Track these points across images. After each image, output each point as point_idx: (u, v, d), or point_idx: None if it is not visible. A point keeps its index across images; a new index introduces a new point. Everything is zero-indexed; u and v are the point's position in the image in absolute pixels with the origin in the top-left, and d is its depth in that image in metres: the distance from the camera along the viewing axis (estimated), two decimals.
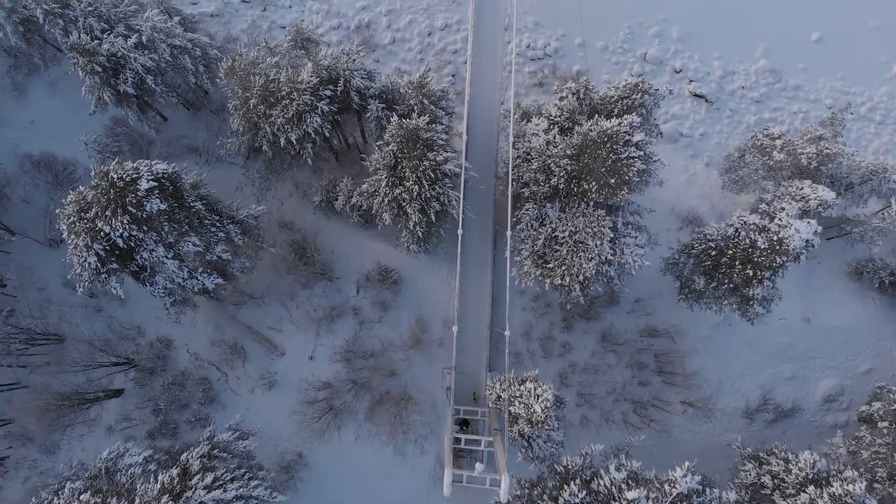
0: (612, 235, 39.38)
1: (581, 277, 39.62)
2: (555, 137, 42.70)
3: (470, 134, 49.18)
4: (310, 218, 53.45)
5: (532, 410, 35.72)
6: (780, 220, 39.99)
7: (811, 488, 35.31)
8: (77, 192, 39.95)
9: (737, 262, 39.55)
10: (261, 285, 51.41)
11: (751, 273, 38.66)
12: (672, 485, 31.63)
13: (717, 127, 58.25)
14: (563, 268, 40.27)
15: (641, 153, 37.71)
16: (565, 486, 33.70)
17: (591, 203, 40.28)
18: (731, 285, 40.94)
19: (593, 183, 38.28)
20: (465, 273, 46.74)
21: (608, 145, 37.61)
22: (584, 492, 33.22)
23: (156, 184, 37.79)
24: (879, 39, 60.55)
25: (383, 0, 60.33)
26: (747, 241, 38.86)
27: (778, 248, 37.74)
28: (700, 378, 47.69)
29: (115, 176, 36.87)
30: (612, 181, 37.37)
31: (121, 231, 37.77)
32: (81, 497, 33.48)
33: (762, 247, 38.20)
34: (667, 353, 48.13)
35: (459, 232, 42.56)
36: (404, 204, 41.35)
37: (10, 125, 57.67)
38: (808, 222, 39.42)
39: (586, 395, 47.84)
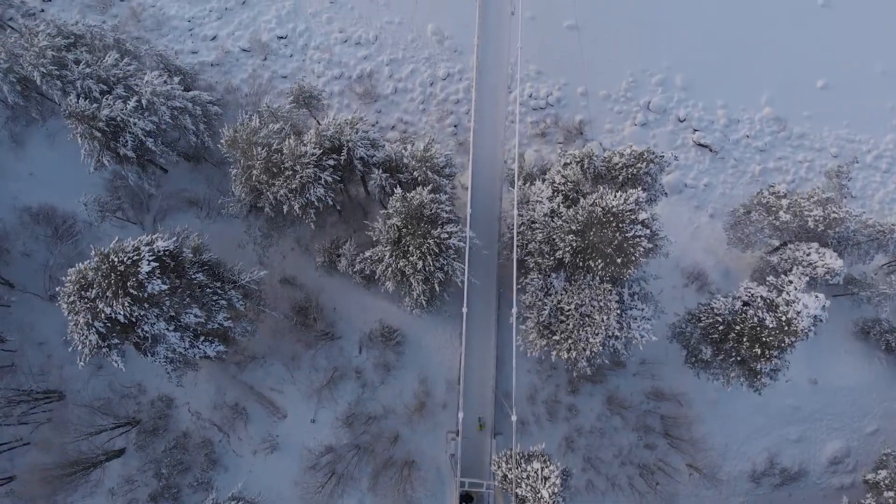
0: (618, 308, 38.99)
1: (588, 353, 39.22)
2: (559, 206, 42.28)
3: (474, 192, 48.88)
4: (312, 274, 53.05)
5: (539, 495, 35.33)
6: (787, 293, 39.61)
7: None
8: (77, 269, 39.43)
9: (744, 339, 39.12)
10: (262, 345, 50.99)
11: (759, 352, 38.23)
12: None
13: (721, 177, 57.82)
14: (570, 341, 39.85)
15: (648, 231, 37.34)
16: None
17: (597, 276, 39.86)
18: (739, 358, 40.53)
19: (599, 261, 37.86)
20: (468, 335, 46.31)
21: (614, 224, 37.20)
22: None
23: (157, 264, 37.38)
24: (886, 85, 60.13)
25: (385, 49, 59.86)
26: (755, 319, 38.43)
27: (786, 328, 37.31)
28: (706, 442, 47.29)
29: (116, 259, 36.45)
30: (619, 260, 36.97)
31: (122, 312, 37.35)
32: None
33: (770, 326, 37.78)
34: (673, 417, 47.73)
35: (464, 310, 42.10)
36: (408, 274, 40.99)
37: (8, 177, 57.23)
38: (817, 297, 39.02)
39: (592, 460, 47.42)
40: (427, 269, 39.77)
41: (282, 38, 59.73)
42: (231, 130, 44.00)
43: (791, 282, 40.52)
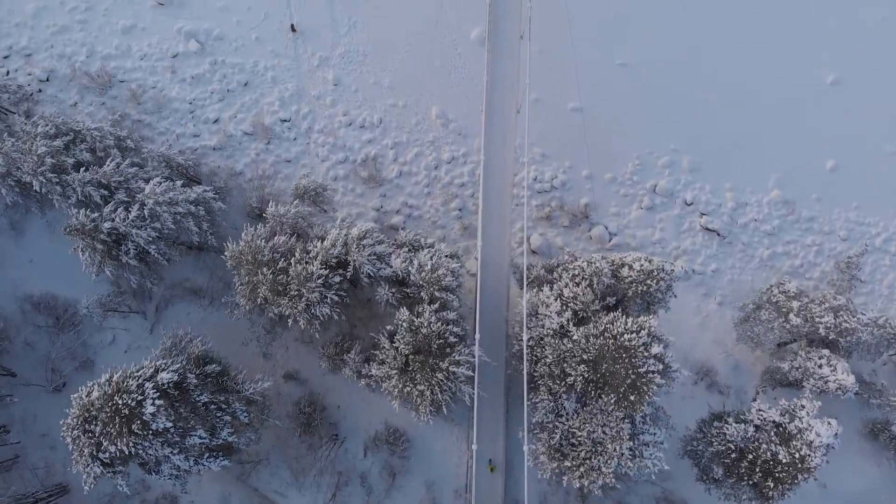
0: (630, 434, 38.51)
1: (600, 482, 38.67)
2: (568, 322, 41.72)
3: (481, 280, 48.26)
4: (316, 369, 52.36)
5: None
6: (800, 419, 39.10)
7: None
8: (80, 400, 38.78)
9: (757, 469, 38.55)
10: (267, 446, 50.39)
11: (772, 485, 37.67)
12: None
13: (729, 262, 57.23)
14: (583, 468, 39.26)
15: (661, 365, 36.79)
16: None
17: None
18: (752, 482, 39.97)
19: (612, 395, 37.30)
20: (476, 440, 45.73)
21: (626, 359, 36.63)
22: None
23: (161, 402, 36.83)
24: (895, 165, 59.55)
25: (389, 132, 59.27)
26: (768, 454, 37.86)
27: (800, 465, 36.75)
28: None
29: (120, 402, 35.85)
30: (632, 398, 36.41)
31: (126, 448, 36.79)
32: None
33: (784, 461, 37.22)
34: None
35: (473, 447, 41.47)
36: (415, 396, 40.48)
37: (8, 264, 56.66)
38: (829, 423, 38.53)
39: None
40: (434, 394, 39.23)
41: (285, 121, 59.14)
42: (235, 247, 43.37)
43: (804, 406, 39.96)
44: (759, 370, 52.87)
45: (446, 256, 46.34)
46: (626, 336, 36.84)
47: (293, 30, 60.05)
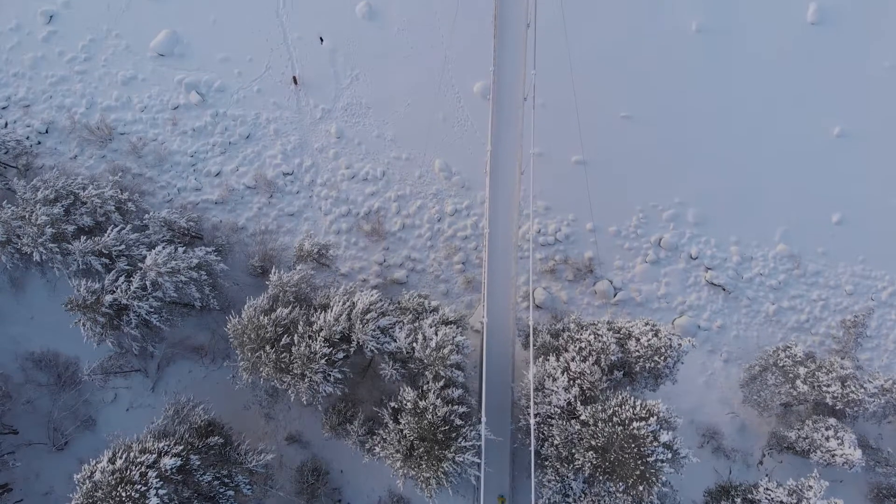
0: None
1: None
2: (576, 399, 41.33)
3: (486, 364, 47.80)
4: (318, 431, 51.82)
5: None
6: (807, 501, 38.80)
7: None
8: (81, 478, 38.31)
9: None
10: None
11: None
12: None
13: (734, 317, 56.89)
14: None
15: (670, 453, 36.43)
16: None
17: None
18: None
19: (620, 483, 36.92)
20: None
21: (635, 448, 36.25)
22: None
23: (165, 491, 36.41)
24: None
25: (392, 185, 58.82)
26: None
27: None
28: None
29: (124, 494, 35.38)
30: (641, 488, 36.03)
31: None
32: None
33: None
34: None
35: None
36: (420, 480, 40.08)
37: (9, 321, 56.18)
38: None
39: None
40: (440, 480, 38.85)
41: (287, 174, 58.65)
42: (237, 323, 42.92)
43: (811, 486, 39.63)
44: (766, 430, 52.58)
45: (450, 324, 45.95)
46: (634, 424, 36.45)
47: (295, 82, 59.56)
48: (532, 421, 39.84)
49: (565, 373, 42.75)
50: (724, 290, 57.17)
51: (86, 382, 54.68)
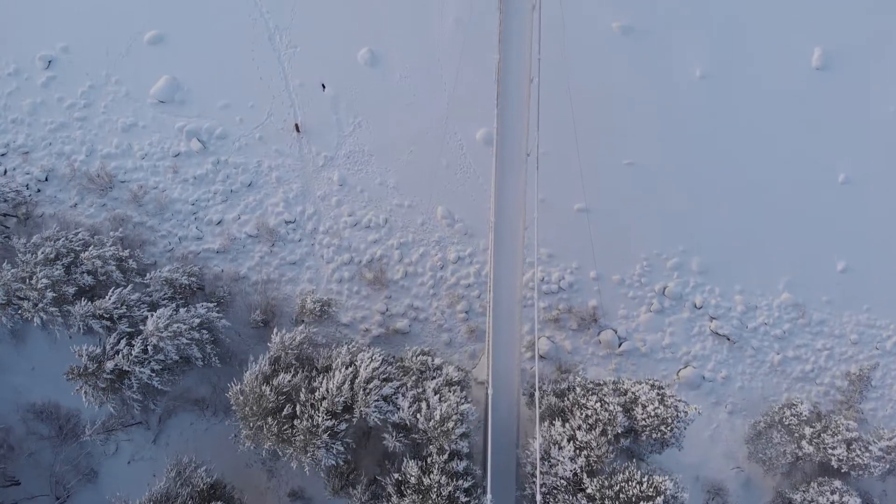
0: None
1: None
2: (581, 470, 41.07)
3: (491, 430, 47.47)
4: (321, 487, 51.50)
5: None
6: None
7: None
8: None
9: None
10: None
11: None
12: None
13: (739, 367, 56.65)
14: None
15: None
16: None
17: None
18: None
19: None
20: None
21: None
22: None
23: None
24: None
25: (395, 232, 58.45)
26: None
27: None
28: None
29: None
30: None
31: None
32: None
33: None
34: None
35: None
36: None
37: (10, 371, 55.76)
38: None
39: None
40: None
41: (290, 222, 58.24)
42: (239, 393, 42.59)
43: None
44: (771, 485, 52.40)
45: (455, 385, 45.69)
46: None
47: (297, 129, 59.15)
48: (538, 498, 39.58)
49: (571, 441, 42.47)
50: (728, 340, 56.93)
51: (87, 438, 54.36)
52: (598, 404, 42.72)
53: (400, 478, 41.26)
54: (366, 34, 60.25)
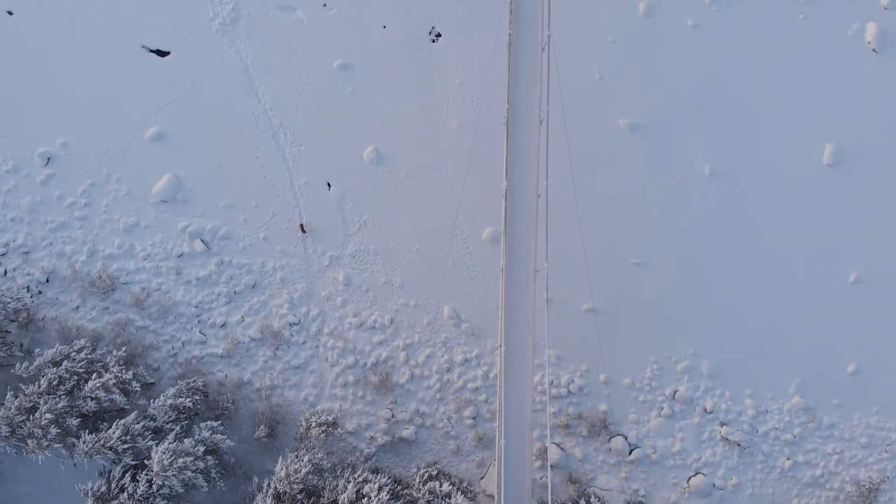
0: None
1: None
2: None
3: None
4: None
5: None
6: None
7: None
8: None
9: None
10: None
11: None
12: None
13: (749, 474, 56.08)
14: None
15: None
16: None
17: None
18: None
19: None
20: None
21: None
22: None
23: None
24: None
25: (401, 333, 57.73)
26: None
27: None
28: None
29: None
30: None
31: None
32: None
33: None
34: None
35: None
36: None
37: (14, 480, 54.79)
38: None
39: None
40: None
41: (294, 324, 57.48)
42: None
43: None
44: None
45: None
46: None
47: (302, 230, 58.34)
48: None
49: None
50: (739, 445, 56.33)
51: None
52: None
53: None
54: (371, 132, 59.47)
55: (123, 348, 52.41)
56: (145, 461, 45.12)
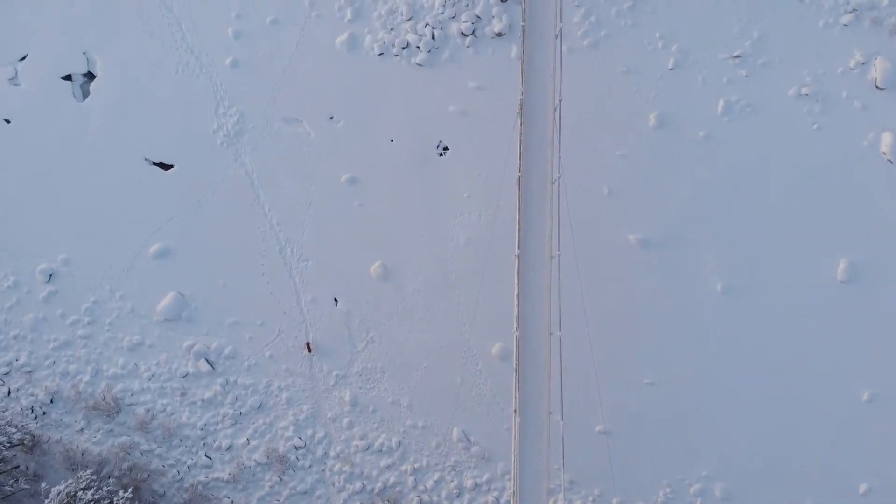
0: None
1: None
2: None
3: None
4: None
5: None
6: None
7: None
8: None
9: None
10: None
11: None
12: None
13: None
14: None
15: None
16: None
17: None
18: None
19: None
20: None
21: None
22: None
23: None
24: None
25: (408, 457, 56.90)
26: None
27: None
28: None
29: None
30: None
31: None
32: None
33: None
34: None
35: None
36: None
37: None
38: None
39: None
40: None
41: (299, 447, 56.70)
42: None
43: None
44: None
45: None
46: None
47: (308, 349, 57.49)
48: None
49: None
50: None
51: None
52: None
53: None
54: (378, 247, 58.52)
55: (130, 489, 51.56)
56: None
